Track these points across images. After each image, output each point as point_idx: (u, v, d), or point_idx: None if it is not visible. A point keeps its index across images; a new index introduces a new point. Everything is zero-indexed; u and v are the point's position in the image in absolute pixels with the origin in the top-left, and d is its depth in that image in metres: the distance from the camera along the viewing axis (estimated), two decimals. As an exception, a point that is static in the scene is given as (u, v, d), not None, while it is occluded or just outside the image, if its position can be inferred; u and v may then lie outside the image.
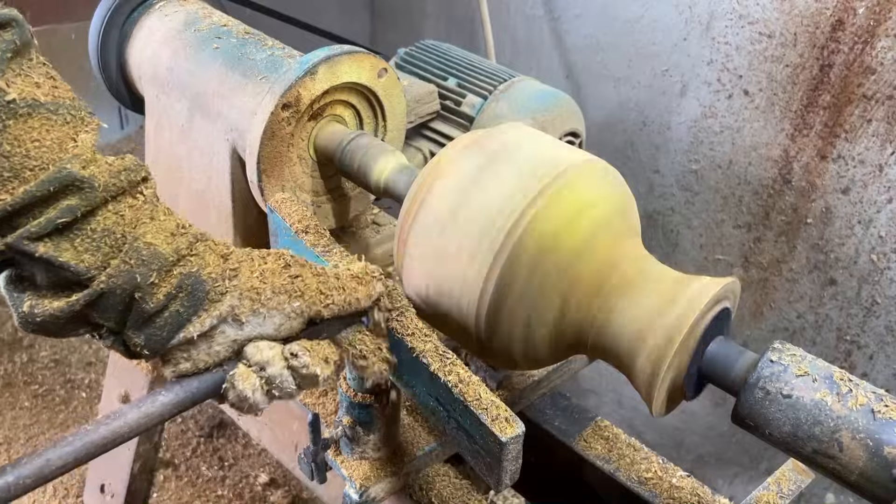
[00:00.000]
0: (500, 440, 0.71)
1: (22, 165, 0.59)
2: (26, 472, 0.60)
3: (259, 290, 0.71)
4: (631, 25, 1.82)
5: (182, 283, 0.67)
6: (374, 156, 1.03)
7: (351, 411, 0.95)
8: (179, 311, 0.67)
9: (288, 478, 2.19)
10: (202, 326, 0.68)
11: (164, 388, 0.69)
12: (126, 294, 0.64)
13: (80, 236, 0.62)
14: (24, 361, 2.45)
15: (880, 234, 1.56)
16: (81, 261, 0.62)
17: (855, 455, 0.67)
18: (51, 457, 0.61)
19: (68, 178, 0.60)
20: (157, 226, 0.67)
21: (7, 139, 0.58)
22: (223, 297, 0.69)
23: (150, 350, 0.68)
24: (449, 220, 0.83)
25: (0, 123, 0.58)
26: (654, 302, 0.77)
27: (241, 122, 1.08)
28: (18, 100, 0.59)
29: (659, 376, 0.75)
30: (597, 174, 0.85)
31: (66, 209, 0.60)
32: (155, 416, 0.68)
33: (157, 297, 0.66)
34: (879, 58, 1.45)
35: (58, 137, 0.61)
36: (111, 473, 1.77)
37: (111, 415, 0.66)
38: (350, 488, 0.97)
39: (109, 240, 0.63)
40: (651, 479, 1.03)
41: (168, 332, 0.67)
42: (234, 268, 0.71)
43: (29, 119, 0.59)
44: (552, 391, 1.19)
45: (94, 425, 0.65)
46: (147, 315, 0.66)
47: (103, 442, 0.64)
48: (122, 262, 0.64)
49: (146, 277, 0.65)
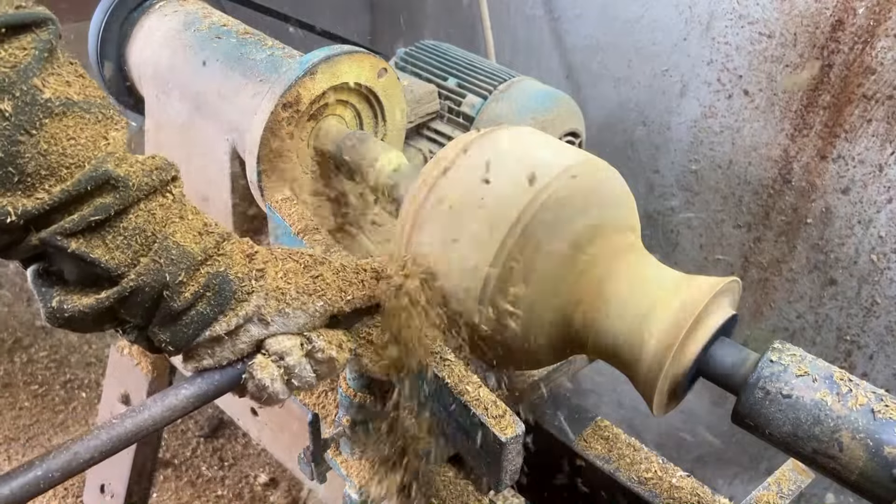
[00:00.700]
0: (500, 440, 0.71)
1: (59, 163, 0.59)
2: (55, 466, 0.61)
3: (284, 290, 0.72)
4: (631, 25, 1.82)
5: (210, 282, 0.68)
6: (374, 156, 1.03)
7: (351, 411, 0.95)
8: (206, 310, 0.68)
9: (288, 478, 2.19)
10: (228, 326, 0.69)
11: (185, 381, 0.70)
12: (154, 292, 0.65)
13: (111, 234, 0.63)
14: (24, 361, 2.45)
15: (880, 234, 1.56)
16: (112, 258, 0.63)
17: (855, 455, 0.67)
18: (78, 450, 0.63)
19: (104, 176, 0.61)
20: (186, 225, 0.68)
21: (44, 137, 0.59)
22: (249, 297, 0.70)
23: (174, 347, 0.69)
24: (452, 216, 0.83)
25: (37, 122, 0.58)
26: (653, 302, 0.77)
27: (241, 122, 1.08)
28: (54, 98, 0.59)
29: (659, 376, 0.75)
30: (596, 174, 0.85)
31: (100, 207, 0.61)
32: (178, 409, 0.69)
33: (185, 296, 0.66)
34: (879, 58, 1.45)
35: (91, 136, 0.62)
36: (111, 473, 1.77)
37: (135, 408, 0.67)
38: (350, 488, 0.97)
39: (140, 238, 0.64)
40: (651, 479, 1.03)
41: (194, 331, 0.68)
42: (260, 268, 0.72)
43: (64, 118, 0.60)
44: (552, 391, 1.19)
45: (119, 419, 0.66)
46: (174, 313, 0.67)
47: (128, 435, 0.65)
48: (151, 260, 0.64)
49: (175, 276, 0.65)
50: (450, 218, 0.83)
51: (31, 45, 0.57)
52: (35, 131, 0.58)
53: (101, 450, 0.64)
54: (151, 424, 0.67)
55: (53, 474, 0.61)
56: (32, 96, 0.58)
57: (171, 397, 0.68)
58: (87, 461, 0.63)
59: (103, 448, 0.64)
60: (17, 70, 0.56)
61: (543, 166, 0.83)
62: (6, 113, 0.56)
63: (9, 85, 0.56)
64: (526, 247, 0.79)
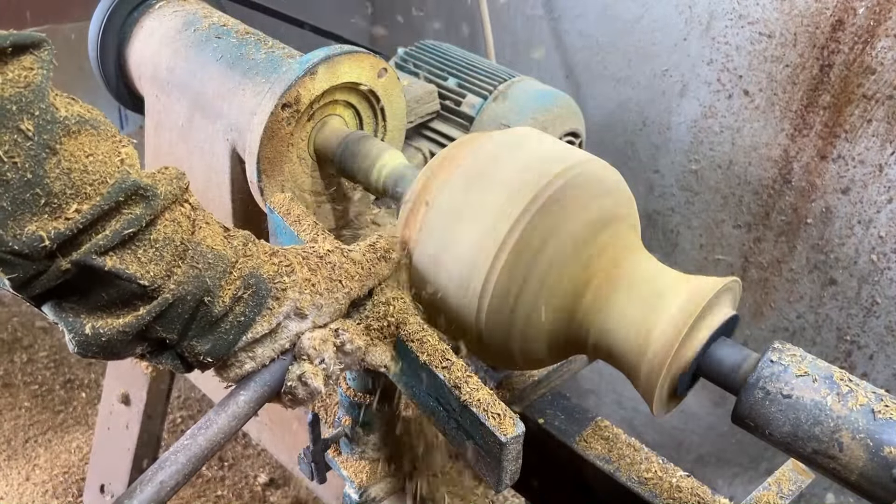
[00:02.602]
0: (499, 440, 0.71)
1: (82, 181, 0.58)
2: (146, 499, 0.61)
3: (314, 282, 0.72)
4: (631, 25, 1.81)
5: (246, 283, 0.67)
6: (374, 155, 1.03)
7: (351, 411, 0.95)
8: (245, 311, 0.67)
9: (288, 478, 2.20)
10: (269, 325, 0.69)
11: (238, 387, 0.70)
12: (196, 300, 0.64)
13: (142, 247, 0.61)
14: (24, 361, 2.45)
15: (880, 234, 1.56)
16: (147, 271, 0.61)
17: (855, 455, 0.67)
18: (163, 478, 0.63)
19: (133, 186, 0.60)
20: (212, 230, 0.67)
21: (65, 156, 0.57)
22: (285, 293, 0.70)
23: (214, 356, 0.67)
24: (452, 217, 0.83)
25: (59, 140, 0.57)
26: (653, 302, 0.77)
27: (241, 122, 1.08)
28: (70, 116, 0.58)
29: (660, 376, 0.75)
30: (597, 174, 0.85)
31: (132, 219, 0.60)
32: (242, 417, 0.69)
33: (224, 300, 0.66)
34: (879, 58, 1.45)
35: (107, 152, 0.60)
36: (111, 473, 1.77)
37: (202, 424, 0.66)
38: (350, 488, 0.97)
39: (171, 248, 0.63)
40: (651, 479, 1.03)
41: (235, 335, 0.67)
42: (287, 263, 0.72)
43: (79, 135, 0.59)
44: (552, 391, 1.18)
45: (190, 438, 0.65)
46: (214, 319, 0.66)
47: (204, 452, 0.65)
48: (190, 267, 0.63)
49: (214, 280, 0.65)
50: (448, 220, 0.83)
51: (36, 65, 0.56)
52: (58, 149, 0.57)
53: (183, 472, 0.63)
54: (223, 437, 0.67)
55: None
56: (52, 115, 0.57)
57: (233, 406, 0.68)
58: (174, 487, 0.63)
59: (185, 470, 0.64)
60: (31, 89, 0.55)
61: (543, 167, 0.83)
62: (29, 133, 0.55)
63: (27, 104, 0.55)
64: (525, 247, 0.79)
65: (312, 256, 0.75)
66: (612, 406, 2.23)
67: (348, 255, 0.78)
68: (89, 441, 2.20)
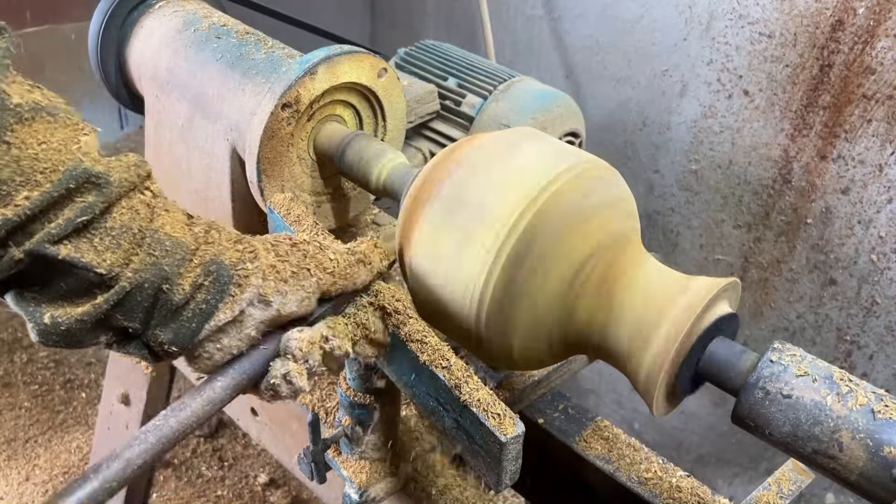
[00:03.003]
0: (499, 440, 0.71)
1: (32, 168, 0.57)
2: (111, 476, 0.60)
3: (279, 268, 0.71)
4: (631, 25, 1.82)
5: (206, 269, 0.66)
6: (374, 155, 1.03)
7: (351, 411, 0.95)
8: (207, 298, 0.66)
9: (288, 478, 2.20)
10: (232, 312, 0.68)
11: (217, 373, 0.69)
12: (154, 288, 0.63)
13: (98, 235, 0.61)
14: (24, 361, 2.45)
15: (880, 234, 1.56)
16: (104, 260, 0.61)
17: (855, 455, 0.67)
18: (130, 456, 0.62)
19: (84, 174, 0.59)
20: (172, 217, 0.67)
21: (16, 143, 0.57)
22: (248, 280, 0.69)
23: (178, 346, 0.67)
24: (451, 217, 0.83)
25: (9, 127, 0.57)
26: (654, 302, 0.77)
27: (241, 122, 1.08)
28: (23, 103, 0.58)
29: (659, 377, 0.75)
30: (596, 174, 0.85)
31: (85, 207, 0.59)
32: (217, 402, 0.68)
33: (184, 288, 0.65)
34: (879, 58, 1.45)
35: (62, 139, 0.60)
36: (111, 473, 1.76)
37: (176, 406, 0.66)
38: (350, 488, 0.97)
39: (128, 236, 0.62)
40: (651, 479, 1.03)
41: (197, 323, 0.66)
42: (251, 249, 0.71)
43: (33, 122, 0.58)
44: (552, 391, 1.19)
45: (162, 419, 0.65)
46: (174, 307, 0.65)
47: (175, 434, 0.65)
48: (147, 254, 0.63)
49: (173, 268, 0.64)
50: (449, 219, 0.83)
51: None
52: (7, 137, 0.57)
53: (151, 452, 0.63)
54: (195, 420, 0.66)
55: (110, 484, 0.60)
56: (2, 101, 0.57)
57: (209, 391, 0.68)
58: (141, 466, 0.62)
59: (154, 450, 0.63)
60: None
61: (544, 167, 0.83)
62: None
63: None
64: (526, 248, 0.79)
65: (283, 244, 0.74)
66: (612, 406, 2.23)
67: (326, 249, 0.77)
68: (89, 441, 2.20)
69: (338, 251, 0.78)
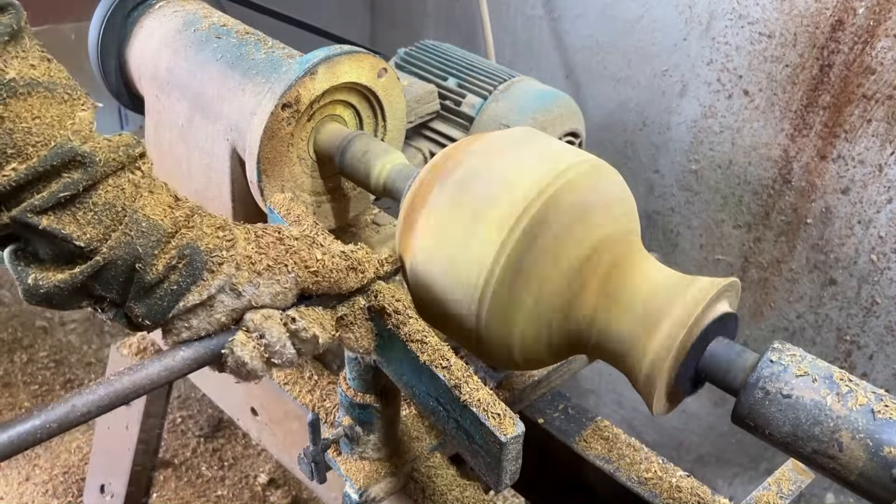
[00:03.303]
0: (499, 440, 0.71)
1: (24, 142, 0.61)
2: (53, 417, 0.63)
3: (255, 260, 0.73)
4: (631, 25, 1.82)
5: (181, 253, 0.69)
6: (374, 155, 1.03)
7: (351, 411, 0.95)
8: (179, 280, 0.69)
9: (288, 478, 2.20)
10: (200, 296, 0.70)
11: (183, 345, 0.72)
12: (127, 265, 0.66)
13: (81, 209, 0.64)
14: (24, 361, 2.45)
15: (880, 235, 1.56)
16: (84, 233, 0.64)
17: (855, 455, 0.67)
18: (76, 403, 0.64)
19: (70, 153, 0.62)
20: (155, 199, 0.69)
21: (9, 117, 0.60)
22: (221, 268, 0.71)
23: (151, 321, 0.70)
24: (448, 220, 0.83)
25: (2, 101, 0.60)
26: (653, 302, 0.78)
27: (241, 122, 1.08)
28: (18, 78, 0.61)
29: (659, 377, 0.75)
30: (596, 175, 0.85)
31: (68, 183, 0.62)
32: (175, 371, 0.70)
33: (157, 268, 0.68)
34: (879, 58, 1.45)
35: (57, 115, 0.63)
36: (111, 473, 1.77)
37: (134, 367, 0.68)
38: (350, 488, 0.97)
39: (111, 213, 0.65)
40: (651, 479, 1.03)
41: (168, 303, 0.69)
42: (230, 238, 0.73)
43: (28, 97, 0.61)
44: (552, 391, 1.19)
45: (117, 376, 0.67)
46: (148, 286, 0.68)
47: (125, 392, 0.67)
48: (122, 233, 0.66)
49: (146, 248, 0.67)
50: (449, 219, 0.83)
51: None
52: (1, 111, 0.60)
53: (98, 404, 0.65)
54: (148, 383, 0.68)
55: (51, 425, 0.63)
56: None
57: (169, 359, 0.70)
58: (85, 414, 0.64)
59: (101, 402, 0.65)
60: None
61: (544, 167, 0.83)
62: None
63: None
64: (526, 247, 0.79)
65: (268, 236, 0.76)
66: (612, 406, 2.23)
67: (314, 248, 0.78)
68: (89, 441, 2.20)
69: (329, 252, 0.78)
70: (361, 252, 0.82)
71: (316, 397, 1.12)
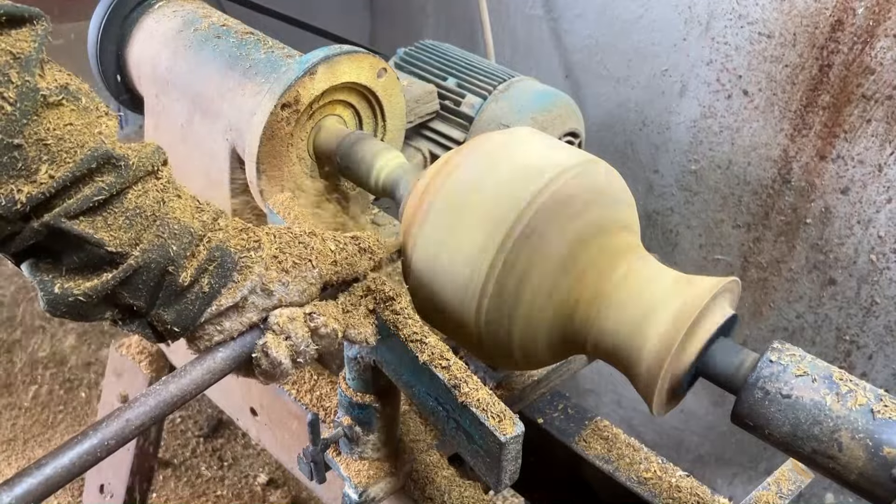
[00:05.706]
0: (499, 440, 0.71)
1: (58, 148, 0.61)
2: (109, 434, 0.63)
3: (281, 259, 0.74)
4: (631, 25, 1.81)
5: (212, 255, 0.69)
6: (374, 155, 1.03)
7: (350, 411, 0.95)
8: (210, 283, 0.69)
9: (287, 478, 2.20)
10: (234, 298, 0.70)
11: (219, 345, 0.72)
12: (160, 268, 0.66)
13: (113, 214, 0.64)
14: (24, 361, 2.45)
15: (880, 234, 1.56)
16: (115, 237, 0.64)
17: (854, 455, 0.67)
18: (129, 416, 0.64)
19: (105, 155, 0.63)
20: (183, 203, 0.69)
21: (44, 127, 0.60)
22: (251, 268, 0.71)
23: (180, 327, 0.69)
24: (448, 220, 0.83)
25: (38, 109, 0.60)
26: (653, 302, 0.78)
27: (241, 121, 1.08)
28: (53, 87, 0.61)
29: (659, 377, 0.75)
30: (596, 174, 0.85)
31: (102, 187, 0.63)
32: (217, 372, 0.70)
33: (189, 271, 0.68)
34: (879, 58, 1.45)
35: (86, 123, 0.63)
36: (111, 473, 1.77)
37: (177, 373, 0.68)
38: (350, 488, 0.97)
39: (141, 218, 0.65)
40: (651, 479, 1.03)
41: (199, 306, 0.69)
42: (256, 239, 0.73)
43: (60, 106, 0.62)
44: (552, 391, 1.19)
45: (162, 385, 0.67)
46: (178, 289, 0.68)
47: (173, 399, 0.67)
48: (155, 236, 0.66)
49: (178, 251, 0.67)
50: (449, 218, 0.83)
51: (29, 38, 0.59)
52: (37, 117, 0.60)
53: (150, 415, 0.65)
54: (194, 388, 0.68)
55: (109, 442, 0.63)
56: (34, 85, 0.60)
57: (209, 361, 0.70)
58: (139, 427, 0.65)
59: (153, 413, 0.65)
60: (19, 60, 0.58)
61: (543, 167, 0.83)
62: (11, 100, 0.58)
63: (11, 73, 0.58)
64: (525, 247, 0.79)
65: (286, 235, 0.77)
66: (611, 406, 2.23)
67: (327, 239, 0.79)
68: (89, 441, 2.20)
69: (340, 241, 0.80)
70: (370, 238, 0.84)
71: (315, 397, 1.12)
